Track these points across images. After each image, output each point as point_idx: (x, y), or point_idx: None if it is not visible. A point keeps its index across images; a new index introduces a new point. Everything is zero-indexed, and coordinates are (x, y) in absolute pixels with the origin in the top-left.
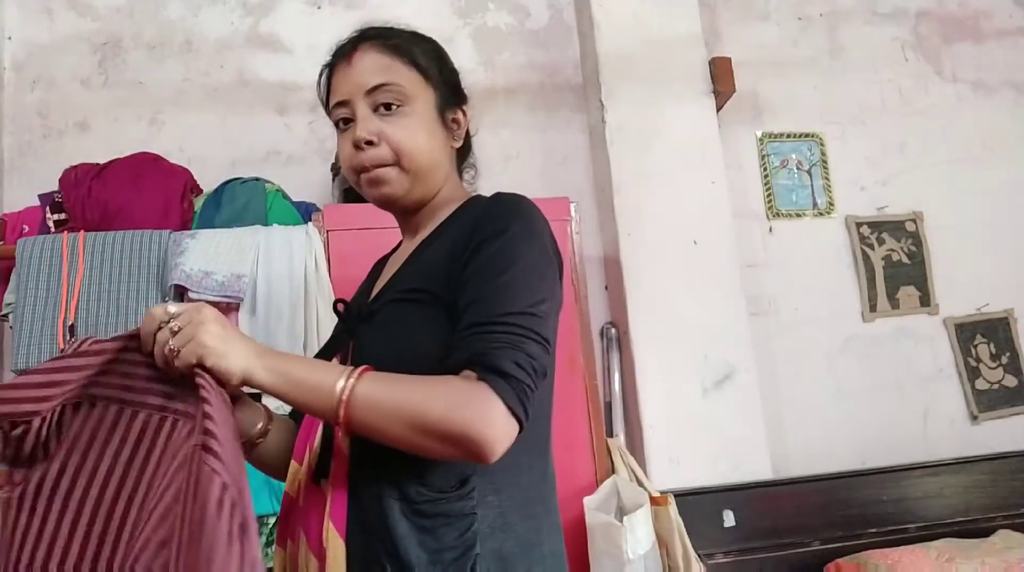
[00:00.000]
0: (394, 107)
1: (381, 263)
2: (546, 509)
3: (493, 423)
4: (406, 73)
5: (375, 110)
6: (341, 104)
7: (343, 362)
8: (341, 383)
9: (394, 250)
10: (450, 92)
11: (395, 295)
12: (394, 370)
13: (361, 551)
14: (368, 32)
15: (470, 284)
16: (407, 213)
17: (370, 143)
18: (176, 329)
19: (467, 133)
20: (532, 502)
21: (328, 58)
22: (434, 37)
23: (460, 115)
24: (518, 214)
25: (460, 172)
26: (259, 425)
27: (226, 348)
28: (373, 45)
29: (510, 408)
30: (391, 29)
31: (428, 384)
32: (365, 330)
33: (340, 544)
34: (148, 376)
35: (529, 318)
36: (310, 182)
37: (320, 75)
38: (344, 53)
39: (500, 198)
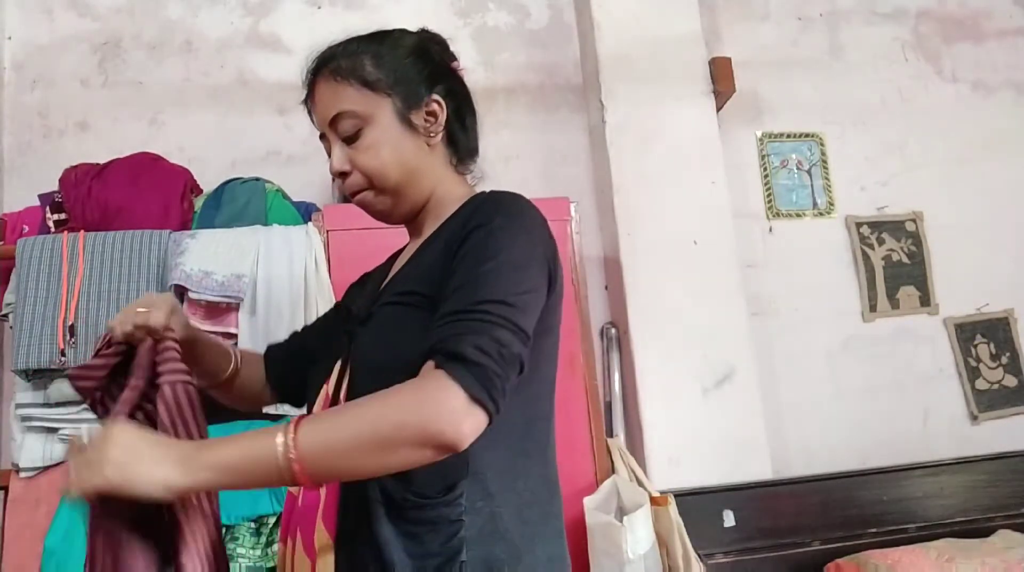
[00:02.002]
0: (354, 133)
1: (393, 259)
2: (544, 514)
3: (452, 413)
4: (355, 95)
5: (343, 139)
6: (322, 137)
7: (344, 366)
8: (280, 440)
9: (405, 247)
10: (412, 89)
11: (391, 298)
12: (388, 373)
13: (349, 554)
14: (319, 60)
15: (451, 277)
16: (406, 221)
17: (344, 174)
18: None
19: (462, 110)
20: (528, 507)
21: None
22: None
23: (434, 106)
24: (505, 207)
25: (462, 160)
26: (229, 367)
27: (129, 475)
28: (323, 75)
29: (470, 394)
30: (339, 47)
31: (373, 401)
32: (362, 333)
33: (329, 546)
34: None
35: (503, 307)
36: (310, 182)
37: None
38: (309, 89)
39: (493, 194)
